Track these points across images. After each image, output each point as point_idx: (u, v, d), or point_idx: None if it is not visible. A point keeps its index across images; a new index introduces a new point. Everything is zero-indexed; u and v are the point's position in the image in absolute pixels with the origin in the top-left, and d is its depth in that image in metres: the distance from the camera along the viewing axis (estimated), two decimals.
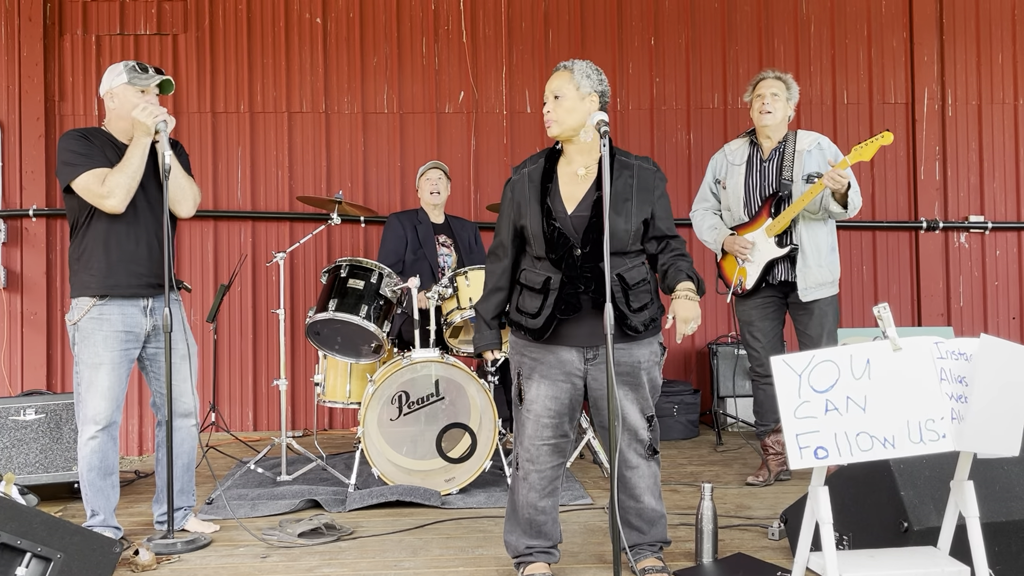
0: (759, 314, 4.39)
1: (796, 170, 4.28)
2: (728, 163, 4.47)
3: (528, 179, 3.02)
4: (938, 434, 2.12)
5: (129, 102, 3.48)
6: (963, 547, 2.30)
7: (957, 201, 6.28)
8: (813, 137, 4.35)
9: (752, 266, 4.35)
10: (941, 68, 6.27)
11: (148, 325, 3.55)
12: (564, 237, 2.92)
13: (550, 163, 3.04)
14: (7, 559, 2.72)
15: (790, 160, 4.30)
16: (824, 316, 4.30)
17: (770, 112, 4.30)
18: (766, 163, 4.36)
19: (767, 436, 4.46)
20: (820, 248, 4.28)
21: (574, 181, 3.00)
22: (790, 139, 4.36)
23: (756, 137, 4.43)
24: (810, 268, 4.26)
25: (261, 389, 6.01)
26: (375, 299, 4.34)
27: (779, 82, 4.35)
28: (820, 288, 4.28)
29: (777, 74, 4.40)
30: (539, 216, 2.94)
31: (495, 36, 6.18)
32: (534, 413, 2.97)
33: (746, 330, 4.44)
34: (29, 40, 5.83)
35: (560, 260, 2.92)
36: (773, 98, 4.31)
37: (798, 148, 4.31)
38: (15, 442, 4.19)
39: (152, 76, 3.53)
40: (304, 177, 6.07)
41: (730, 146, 4.53)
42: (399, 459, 4.29)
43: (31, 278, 5.81)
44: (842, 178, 4.03)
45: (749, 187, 4.38)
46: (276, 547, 3.52)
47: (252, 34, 6.05)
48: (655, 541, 3.11)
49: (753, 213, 4.36)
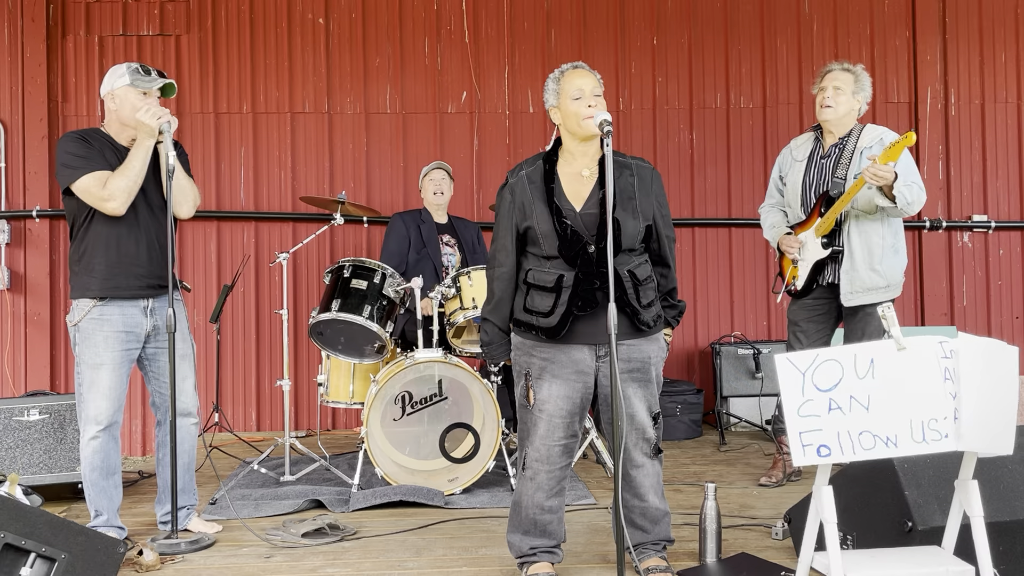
0: (806, 315, 4.23)
1: (852, 168, 4.05)
2: (791, 159, 4.31)
3: (528, 180, 3.01)
4: (941, 433, 2.13)
5: (130, 104, 3.48)
6: (967, 547, 2.30)
7: (960, 200, 6.27)
8: (878, 132, 4.10)
9: (802, 266, 4.19)
10: (944, 67, 6.26)
11: (148, 325, 3.55)
12: (577, 235, 2.92)
13: (549, 164, 3.03)
14: (12, 559, 2.73)
15: (848, 158, 4.08)
16: (868, 323, 4.05)
17: (830, 107, 4.08)
18: (824, 160, 4.17)
19: (784, 434, 4.38)
20: (872, 250, 4.02)
21: (579, 180, 3.00)
22: (853, 134, 4.12)
23: (821, 132, 4.24)
24: (857, 271, 4.03)
25: (264, 389, 6.01)
26: (378, 299, 4.34)
27: (846, 74, 4.12)
28: (869, 293, 4.02)
29: (846, 66, 4.15)
30: (548, 215, 2.94)
31: (497, 36, 6.18)
32: (547, 413, 2.96)
33: (792, 329, 4.30)
34: (32, 41, 5.83)
35: (575, 257, 2.92)
36: (836, 92, 4.08)
37: (859, 145, 4.08)
38: (19, 442, 4.20)
39: (155, 79, 3.53)
40: (307, 177, 6.08)
41: (796, 141, 4.36)
42: (402, 459, 4.30)
43: (34, 279, 5.81)
44: (883, 173, 3.74)
45: (807, 184, 4.21)
46: (280, 547, 3.53)
47: (255, 34, 6.05)
48: (659, 540, 3.11)
49: (809, 211, 4.20)
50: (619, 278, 2.90)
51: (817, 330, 4.22)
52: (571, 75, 2.99)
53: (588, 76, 2.99)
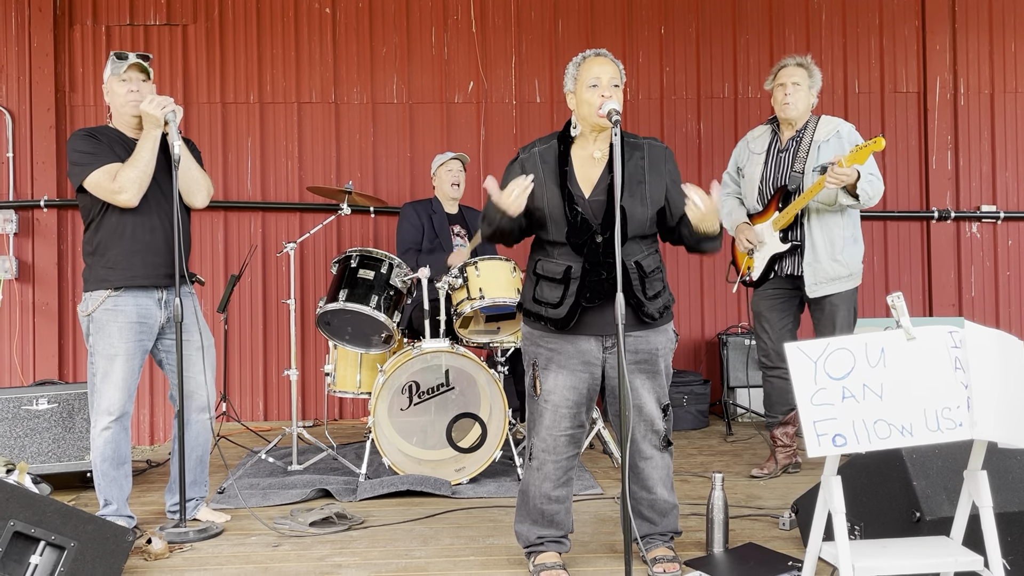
0: (768, 305, 4.33)
1: (809, 162, 4.15)
2: (749, 151, 4.39)
3: (541, 159, 2.97)
4: (955, 422, 2.11)
5: (115, 93, 3.51)
6: (976, 537, 2.30)
7: (969, 191, 6.24)
8: (833, 125, 4.22)
9: (758, 258, 4.32)
10: (953, 57, 6.23)
11: (163, 317, 3.56)
12: (587, 223, 2.90)
13: (564, 145, 3.00)
14: (21, 547, 2.74)
15: (804, 151, 4.18)
16: (836, 312, 4.18)
17: (789, 104, 4.18)
18: (782, 153, 4.27)
19: (776, 427, 4.44)
20: (834, 241, 4.14)
21: (590, 163, 2.98)
22: (810, 127, 4.23)
23: (778, 125, 4.33)
24: (820, 263, 4.14)
25: (272, 379, 6.02)
26: (385, 289, 4.34)
27: (800, 70, 4.21)
28: (833, 283, 4.15)
29: (799, 60, 4.26)
30: (560, 200, 2.92)
31: (504, 25, 6.16)
32: (552, 404, 2.95)
33: (756, 321, 4.39)
34: (39, 31, 5.83)
35: (582, 246, 2.90)
36: (795, 88, 4.18)
37: (815, 138, 4.18)
38: (28, 431, 4.21)
39: (126, 60, 3.53)
40: (314, 167, 6.07)
41: (752, 133, 4.44)
42: (409, 449, 4.30)
43: (43, 268, 5.82)
44: (845, 176, 3.87)
45: (765, 178, 4.29)
46: (287, 536, 3.54)
47: (262, 24, 6.04)
48: (666, 531, 3.11)
49: (766, 204, 4.30)
50: (625, 269, 2.88)
51: (780, 319, 4.32)
52: (591, 62, 2.95)
53: (608, 65, 2.94)
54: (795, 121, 4.24)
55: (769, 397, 4.45)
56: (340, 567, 3.19)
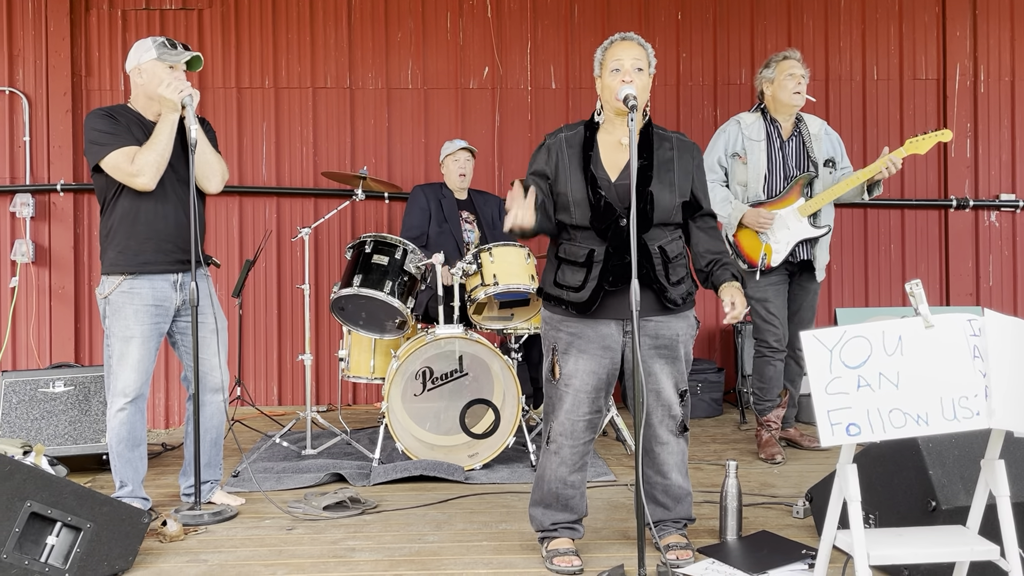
0: (774, 292, 4.43)
1: (818, 153, 4.42)
2: (745, 137, 4.44)
3: (567, 144, 2.98)
4: (972, 411, 2.10)
5: (158, 78, 3.47)
6: (992, 527, 2.28)
7: (988, 179, 6.18)
8: (819, 123, 4.51)
9: (780, 244, 4.36)
10: (974, 43, 6.15)
11: (178, 299, 3.57)
12: (610, 206, 2.89)
13: (590, 131, 3.00)
14: (38, 528, 2.76)
15: (810, 143, 4.43)
16: (816, 296, 4.57)
17: (800, 94, 4.38)
18: (789, 141, 4.44)
19: (771, 411, 4.52)
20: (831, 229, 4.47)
21: (617, 149, 2.97)
22: (803, 121, 4.47)
23: (772, 114, 4.46)
24: (823, 249, 4.46)
25: (286, 364, 6.04)
26: (399, 275, 4.33)
27: (805, 67, 4.46)
28: (821, 270, 4.49)
29: (800, 57, 4.49)
30: (583, 183, 2.91)
31: (520, 11, 6.13)
32: (573, 388, 2.95)
33: (763, 306, 4.44)
34: (56, 15, 5.84)
35: (606, 230, 2.89)
36: (803, 80, 4.40)
37: (812, 132, 4.46)
38: (44, 414, 4.25)
39: (181, 52, 3.52)
40: (328, 153, 6.07)
41: (745, 120, 4.50)
42: (423, 434, 4.31)
43: (59, 252, 5.85)
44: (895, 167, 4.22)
45: (772, 164, 4.40)
46: (301, 520, 3.55)
47: (277, 9, 6.03)
48: (680, 518, 3.11)
49: (774, 191, 4.39)
50: (649, 254, 2.88)
51: (783, 305, 4.49)
52: (616, 47, 2.93)
53: (632, 48, 2.91)
54: (794, 112, 4.45)
55: (769, 381, 4.50)
56: (353, 551, 3.21)
